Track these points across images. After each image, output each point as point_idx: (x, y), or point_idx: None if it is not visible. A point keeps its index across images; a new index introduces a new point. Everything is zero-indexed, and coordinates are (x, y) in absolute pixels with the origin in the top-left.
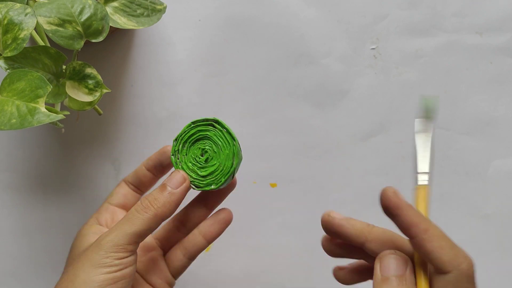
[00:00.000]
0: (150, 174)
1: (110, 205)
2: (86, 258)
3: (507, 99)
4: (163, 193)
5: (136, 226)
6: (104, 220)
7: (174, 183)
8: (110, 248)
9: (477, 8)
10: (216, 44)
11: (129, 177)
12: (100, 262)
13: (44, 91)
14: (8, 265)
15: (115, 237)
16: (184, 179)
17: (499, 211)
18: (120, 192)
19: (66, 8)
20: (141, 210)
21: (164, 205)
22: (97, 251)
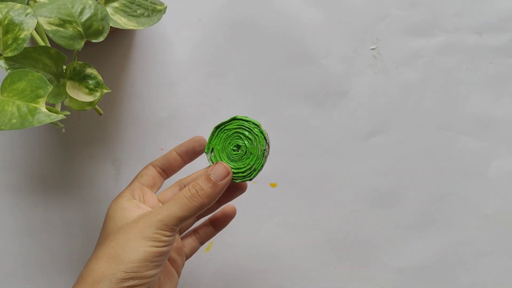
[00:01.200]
0: (180, 159)
1: (140, 184)
2: (138, 230)
3: (507, 99)
4: (209, 184)
5: (184, 212)
6: (138, 196)
7: (219, 175)
8: (161, 226)
9: (477, 8)
10: (216, 44)
11: (158, 161)
12: (150, 236)
13: (44, 91)
14: (8, 265)
15: (165, 217)
16: (228, 172)
17: (499, 211)
18: (149, 174)
19: (67, 9)
20: (190, 198)
21: (209, 196)
22: (149, 226)
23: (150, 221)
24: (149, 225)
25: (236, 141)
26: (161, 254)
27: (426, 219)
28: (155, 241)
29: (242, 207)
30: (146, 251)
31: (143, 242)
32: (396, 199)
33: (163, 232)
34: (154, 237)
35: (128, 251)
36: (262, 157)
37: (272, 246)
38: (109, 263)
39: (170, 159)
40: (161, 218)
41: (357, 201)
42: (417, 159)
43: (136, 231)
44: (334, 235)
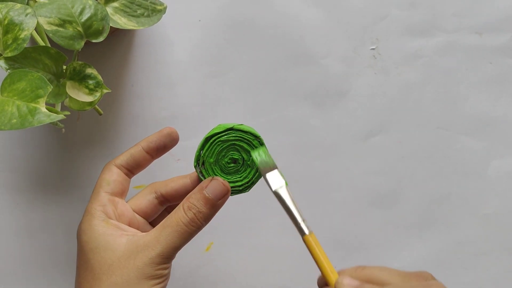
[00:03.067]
0: (148, 156)
1: (109, 195)
2: (138, 270)
3: (507, 99)
4: (207, 204)
5: (184, 240)
6: (112, 211)
7: (217, 194)
8: (161, 261)
9: (477, 8)
10: (216, 44)
11: (122, 160)
12: (153, 274)
13: (44, 91)
14: (8, 265)
15: (165, 250)
16: (227, 190)
17: (499, 211)
18: (116, 180)
19: (67, 9)
20: (188, 223)
21: (207, 218)
22: (150, 264)
23: (148, 257)
24: (150, 263)
25: (232, 154)
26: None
27: (426, 219)
28: (157, 278)
29: (242, 207)
30: None
31: (146, 282)
32: (396, 199)
33: (164, 265)
34: (156, 274)
35: None
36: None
37: (272, 246)
38: None
39: (137, 157)
40: (160, 252)
41: (357, 201)
42: (417, 159)
43: (136, 272)
44: (334, 235)
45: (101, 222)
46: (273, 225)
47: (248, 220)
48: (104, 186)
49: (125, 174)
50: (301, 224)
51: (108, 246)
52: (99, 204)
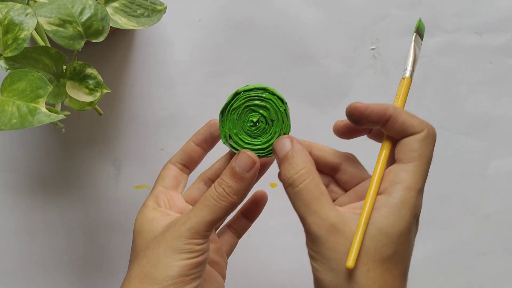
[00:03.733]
0: (199, 149)
1: (163, 188)
2: (167, 243)
3: (507, 99)
4: (235, 178)
5: (214, 214)
6: (163, 202)
7: (244, 167)
8: (191, 235)
9: (477, 8)
10: (216, 44)
11: (176, 157)
12: (182, 248)
13: (44, 91)
14: (8, 265)
15: (195, 224)
16: (254, 162)
17: (499, 211)
18: (170, 175)
19: (67, 9)
20: (218, 198)
21: (238, 192)
22: (179, 237)
23: (179, 232)
24: (178, 236)
25: (250, 117)
26: (197, 265)
27: (426, 219)
28: (188, 253)
29: None
30: (179, 266)
31: (175, 256)
32: None
33: (195, 241)
34: (185, 248)
35: (160, 268)
36: (286, 117)
37: (272, 246)
38: (142, 283)
39: (189, 152)
40: (190, 226)
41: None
42: None
43: (166, 244)
44: None
45: (150, 209)
46: (273, 225)
47: None
48: (159, 180)
49: (180, 170)
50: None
51: (151, 228)
52: (152, 195)
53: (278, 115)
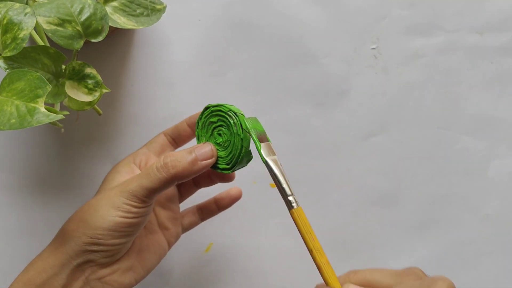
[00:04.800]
0: (189, 129)
1: (148, 150)
2: (109, 198)
3: (508, 99)
4: (187, 158)
5: (152, 183)
6: (139, 161)
7: (202, 154)
8: (129, 197)
9: (477, 8)
10: (216, 44)
11: (169, 130)
12: (119, 206)
13: (43, 91)
14: (8, 265)
15: (135, 188)
16: (212, 154)
17: (499, 211)
18: (158, 142)
19: (66, 8)
20: (160, 168)
21: (184, 170)
22: (119, 196)
23: (121, 191)
24: (120, 195)
25: (216, 137)
26: (130, 225)
27: (426, 219)
28: (123, 212)
29: (242, 207)
30: (112, 221)
31: (111, 211)
32: (396, 199)
33: (132, 203)
34: (122, 207)
35: (96, 218)
36: (240, 147)
37: (272, 246)
38: (77, 226)
39: (181, 130)
40: (131, 189)
41: (357, 201)
42: (418, 159)
43: (107, 199)
44: (334, 235)
45: (124, 163)
46: (272, 226)
47: (248, 221)
48: (147, 144)
49: (169, 142)
50: (290, 198)
51: (113, 179)
52: (133, 153)
53: (233, 134)
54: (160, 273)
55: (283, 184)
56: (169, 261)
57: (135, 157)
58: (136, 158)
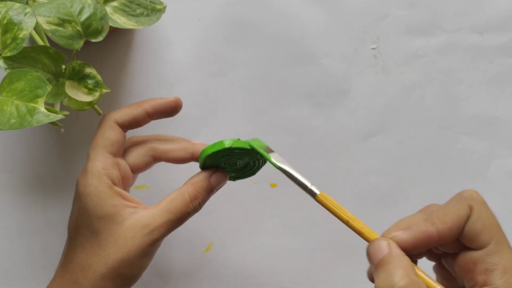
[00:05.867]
0: (148, 118)
1: (112, 156)
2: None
3: (508, 99)
4: (209, 193)
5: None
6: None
7: (219, 183)
8: (161, 241)
9: (477, 8)
10: (216, 44)
11: (123, 119)
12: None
13: (43, 91)
14: (8, 265)
15: (167, 233)
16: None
17: (500, 211)
18: (120, 141)
19: (66, 8)
20: (192, 211)
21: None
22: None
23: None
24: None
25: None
26: None
27: None
28: (154, 253)
29: (242, 207)
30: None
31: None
32: (397, 199)
33: (160, 242)
34: (153, 251)
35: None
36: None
37: (272, 246)
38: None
39: (139, 118)
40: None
41: (358, 201)
42: (418, 159)
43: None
44: (334, 235)
45: (107, 189)
46: (272, 226)
47: (247, 221)
48: (108, 146)
49: (124, 131)
50: (311, 187)
51: (113, 219)
52: (103, 167)
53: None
54: (160, 273)
55: (302, 179)
56: (169, 261)
57: (109, 173)
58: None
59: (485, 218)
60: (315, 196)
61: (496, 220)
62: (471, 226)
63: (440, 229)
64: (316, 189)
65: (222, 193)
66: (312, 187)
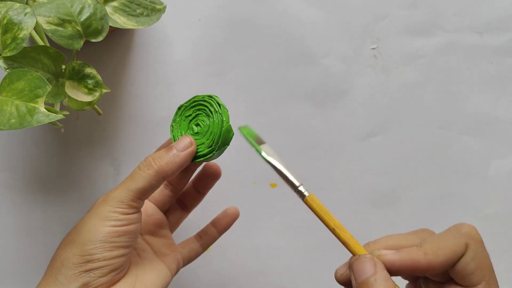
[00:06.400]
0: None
1: None
2: (94, 211)
3: (508, 99)
4: (168, 153)
5: (138, 183)
6: None
7: (181, 145)
8: (115, 204)
9: (477, 8)
10: (216, 44)
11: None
12: (106, 215)
13: (43, 91)
14: (7, 265)
15: (119, 193)
16: (191, 143)
17: (499, 211)
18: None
19: (66, 8)
20: (143, 167)
21: (167, 164)
22: (104, 206)
23: (105, 201)
24: (104, 205)
25: (196, 120)
26: (121, 233)
27: (426, 219)
28: (112, 220)
29: (242, 207)
30: (102, 231)
31: (99, 223)
32: (397, 199)
33: (119, 209)
34: (110, 216)
35: (84, 234)
36: (221, 122)
37: (272, 246)
38: (65, 249)
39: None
40: (116, 196)
41: (357, 201)
42: (418, 159)
43: (93, 213)
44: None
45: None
46: (272, 226)
47: (247, 221)
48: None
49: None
50: (300, 188)
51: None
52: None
53: (212, 114)
54: None
55: (290, 177)
56: None
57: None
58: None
59: (480, 259)
60: (304, 198)
61: (489, 261)
62: (465, 264)
63: (432, 261)
64: (305, 191)
65: (222, 193)
66: (301, 188)
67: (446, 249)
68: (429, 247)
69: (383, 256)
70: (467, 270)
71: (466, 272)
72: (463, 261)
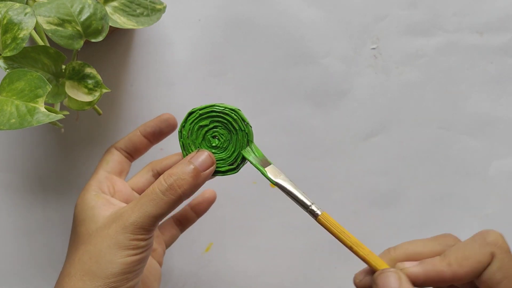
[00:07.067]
0: (146, 140)
1: (107, 173)
2: (111, 239)
3: (508, 99)
4: (190, 173)
5: (160, 209)
6: (107, 187)
7: (202, 164)
8: (136, 231)
9: (477, 8)
10: (216, 44)
11: (121, 144)
12: (126, 244)
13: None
14: (7, 265)
15: (139, 219)
16: (212, 161)
17: (499, 211)
18: (115, 160)
19: (66, 8)
20: (166, 191)
21: (190, 187)
22: (123, 233)
23: (123, 227)
24: (123, 231)
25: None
26: (141, 261)
27: (426, 219)
28: (132, 249)
29: (242, 207)
30: (123, 263)
31: (118, 253)
32: (396, 199)
33: (139, 236)
34: (130, 245)
35: (103, 265)
36: (246, 141)
37: (272, 246)
38: (83, 281)
39: (135, 141)
40: (134, 221)
41: (357, 201)
42: (418, 159)
43: (109, 240)
44: None
45: (93, 196)
46: (272, 226)
47: (247, 221)
48: (103, 164)
49: (124, 157)
50: (312, 207)
51: (93, 217)
52: (95, 180)
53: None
54: None
55: (301, 197)
56: (169, 261)
57: (100, 184)
58: (101, 186)
59: (507, 268)
60: (317, 217)
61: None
62: (491, 274)
63: (456, 272)
64: (318, 210)
65: (222, 193)
66: (313, 207)
67: (471, 259)
68: (453, 257)
69: (407, 269)
70: (494, 280)
71: (493, 282)
72: (489, 270)
